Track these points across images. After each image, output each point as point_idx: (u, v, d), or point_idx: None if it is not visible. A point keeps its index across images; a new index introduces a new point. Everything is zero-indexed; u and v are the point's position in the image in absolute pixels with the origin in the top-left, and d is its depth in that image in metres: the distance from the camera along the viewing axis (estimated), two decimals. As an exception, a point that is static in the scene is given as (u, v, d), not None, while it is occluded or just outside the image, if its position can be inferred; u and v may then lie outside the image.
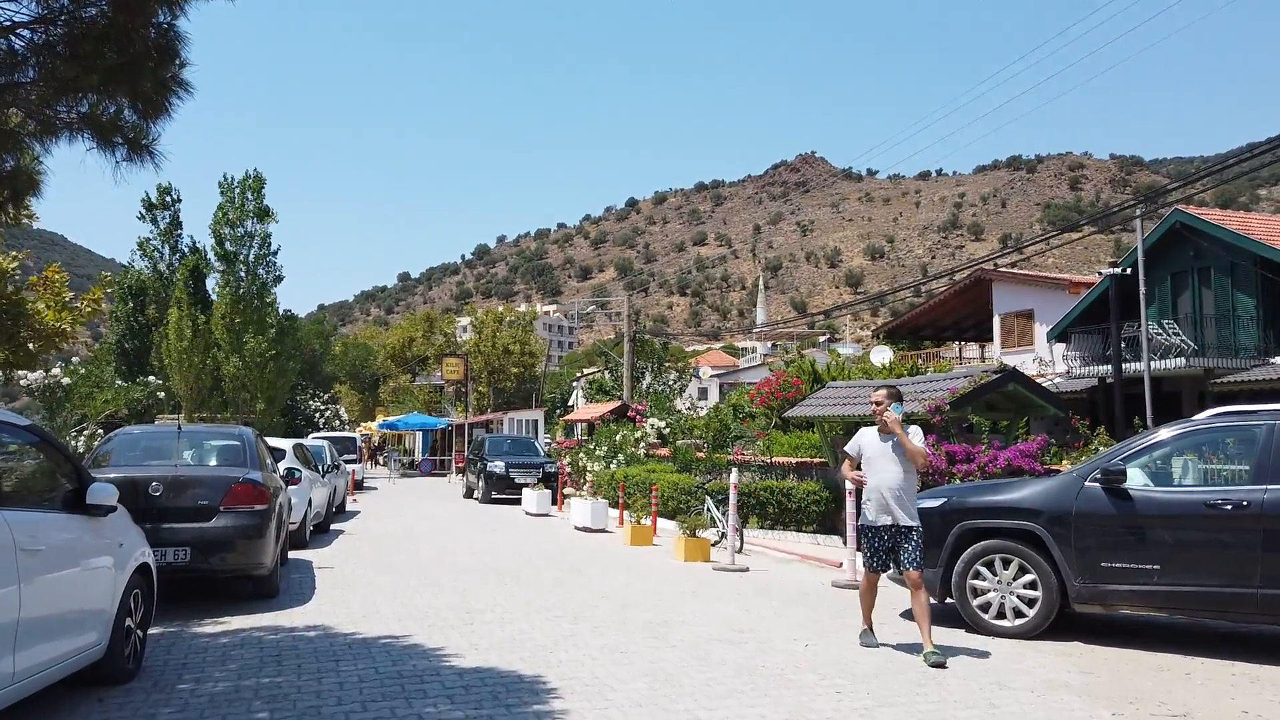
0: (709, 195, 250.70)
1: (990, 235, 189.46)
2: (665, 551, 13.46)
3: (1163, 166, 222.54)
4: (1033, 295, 29.54)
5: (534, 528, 17.30)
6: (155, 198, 38.14)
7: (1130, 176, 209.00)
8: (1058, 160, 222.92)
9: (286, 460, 13.47)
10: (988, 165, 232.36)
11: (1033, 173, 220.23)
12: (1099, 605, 7.09)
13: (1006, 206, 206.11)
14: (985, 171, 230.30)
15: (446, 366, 43.38)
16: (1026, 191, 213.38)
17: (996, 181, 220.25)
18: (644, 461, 23.04)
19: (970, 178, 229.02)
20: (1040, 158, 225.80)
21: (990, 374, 12.51)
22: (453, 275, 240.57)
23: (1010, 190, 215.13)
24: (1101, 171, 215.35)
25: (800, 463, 17.09)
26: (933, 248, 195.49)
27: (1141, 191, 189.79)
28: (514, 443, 27.11)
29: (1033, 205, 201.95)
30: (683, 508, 17.19)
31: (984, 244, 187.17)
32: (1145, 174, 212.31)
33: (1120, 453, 7.25)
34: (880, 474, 6.85)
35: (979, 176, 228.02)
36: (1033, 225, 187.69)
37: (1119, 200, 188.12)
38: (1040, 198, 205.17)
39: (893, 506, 6.77)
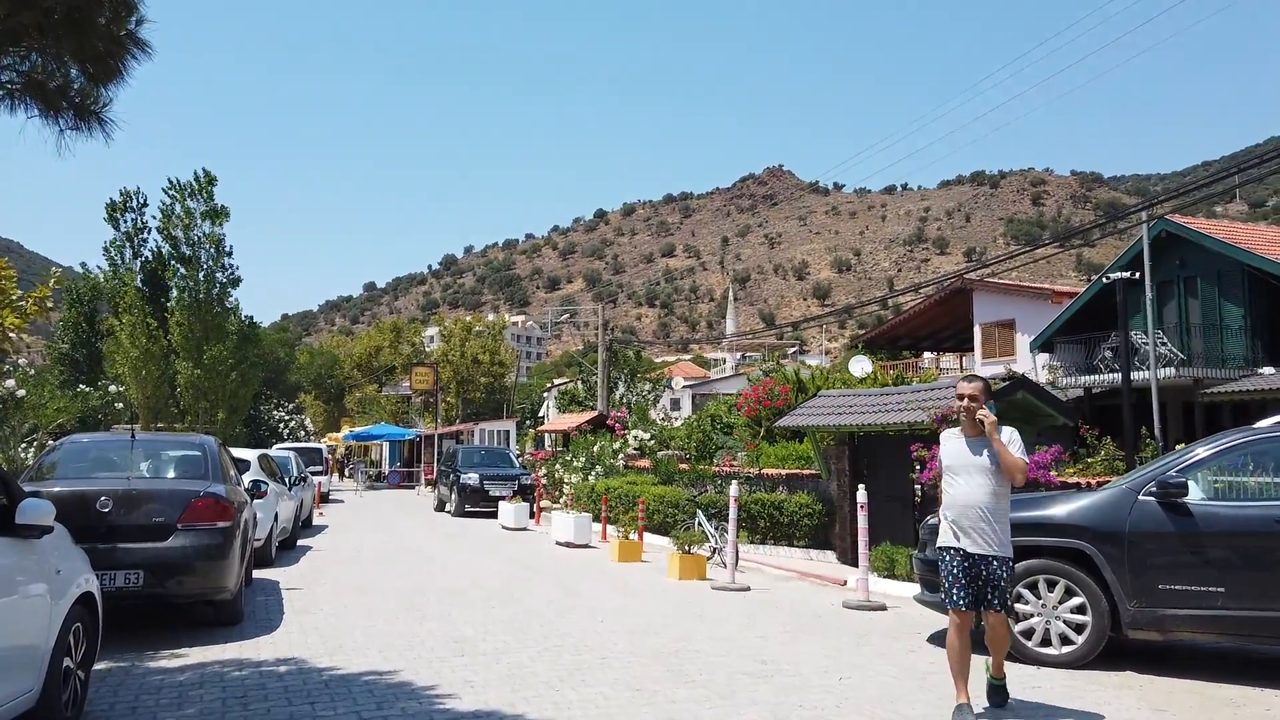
0: (677, 207, 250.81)
1: (955, 249, 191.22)
2: (657, 568, 12.72)
3: (1122, 183, 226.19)
4: (1014, 305, 29.25)
5: (513, 543, 16.47)
6: (119, 200, 36.74)
7: (1091, 193, 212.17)
8: (1020, 176, 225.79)
9: (251, 472, 12.57)
10: (952, 180, 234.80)
11: (996, 188, 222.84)
12: (1155, 631, 6.46)
13: (971, 221, 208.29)
14: (950, 186, 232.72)
15: (415, 376, 42.32)
16: (990, 206, 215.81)
17: (961, 196, 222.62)
18: (623, 473, 22.31)
19: (935, 192, 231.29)
20: (1003, 173, 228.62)
21: (999, 381, 11.94)
22: (419, 285, 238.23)
23: (974, 205, 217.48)
24: (1063, 187, 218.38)
25: (790, 474, 16.46)
26: (899, 261, 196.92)
27: (1102, 207, 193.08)
28: (488, 454, 26.23)
29: (996, 220, 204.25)
30: (669, 522, 16.49)
31: (949, 258, 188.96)
32: (1105, 190, 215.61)
33: (1176, 464, 6.65)
34: (967, 489, 5.51)
35: (944, 191, 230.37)
36: (996, 239, 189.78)
37: (1080, 216, 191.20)
38: (1003, 212, 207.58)
39: (983, 531, 5.39)
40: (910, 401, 12.95)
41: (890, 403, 13.68)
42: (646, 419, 24.15)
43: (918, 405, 12.49)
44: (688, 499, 15.47)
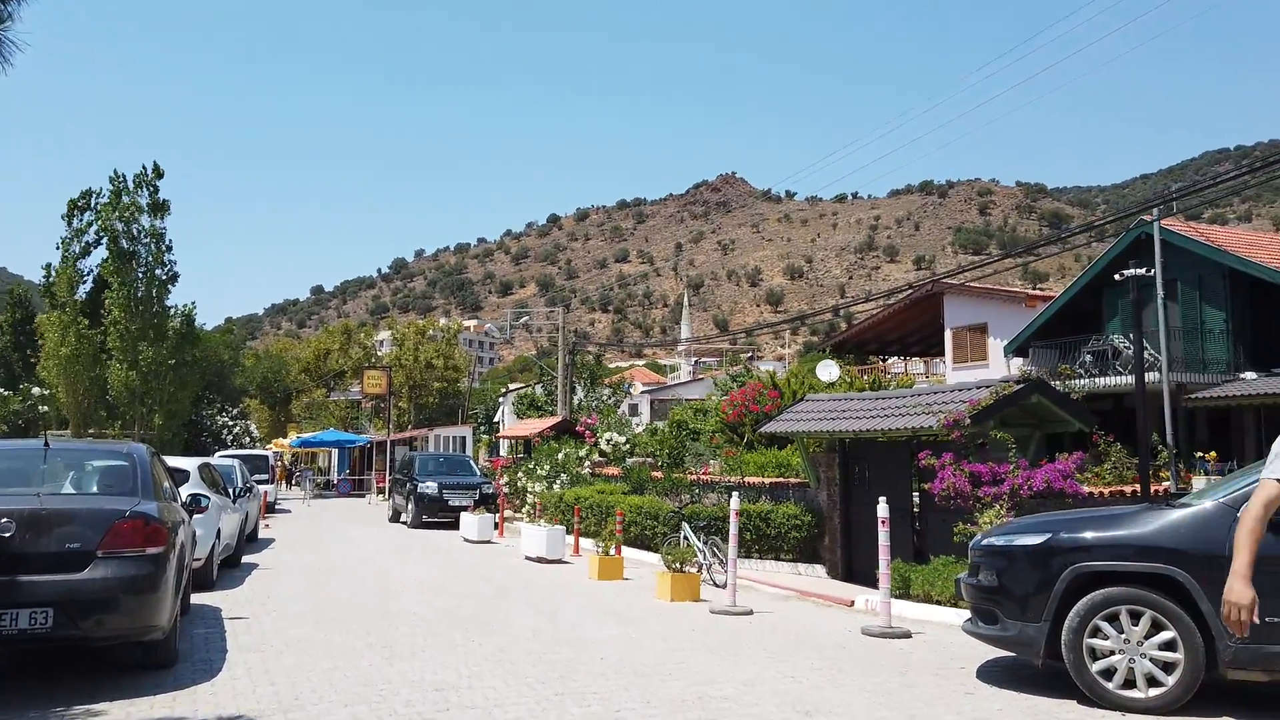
0: (631, 213, 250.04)
1: (905, 257, 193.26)
2: (642, 587, 11.65)
3: (1064, 194, 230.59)
4: (986, 309, 28.74)
5: (479, 558, 15.27)
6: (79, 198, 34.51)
7: (1035, 203, 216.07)
8: (967, 186, 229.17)
9: (190, 484, 11.24)
10: (902, 189, 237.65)
11: (944, 197, 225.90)
12: (1261, 671, 5.56)
13: (920, 229, 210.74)
14: (899, 195, 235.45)
15: (367, 380, 40.69)
16: (939, 215, 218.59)
17: (910, 205, 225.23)
18: (591, 481, 21.20)
19: (885, 201, 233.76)
20: (951, 183, 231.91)
21: (1013, 384, 11.11)
22: (369, 289, 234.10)
23: (923, 214, 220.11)
24: (1009, 198, 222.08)
25: (775, 483, 15.51)
26: (850, 268, 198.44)
27: (1046, 217, 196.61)
28: (447, 461, 24.92)
29: (944, 229, 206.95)
30: (648, 534, 15.43)
31: (899, 265, 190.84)
32: (1049, 201, 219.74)
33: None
34: None
35: (893, 200, 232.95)
36: (945, 248, 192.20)
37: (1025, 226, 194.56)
38: (952, 221, 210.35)
39: None
40: (914, 405, 12.05)
41: (889, 407, 12.78)
42: (620, 424, 23.04)
43: (924, 409, 11.59)
44: (672, 510, 14.42)
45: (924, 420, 11.35)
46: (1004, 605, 6.29)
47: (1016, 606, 6.21)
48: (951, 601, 9.59)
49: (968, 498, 10.38)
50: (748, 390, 18.46)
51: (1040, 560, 6.16)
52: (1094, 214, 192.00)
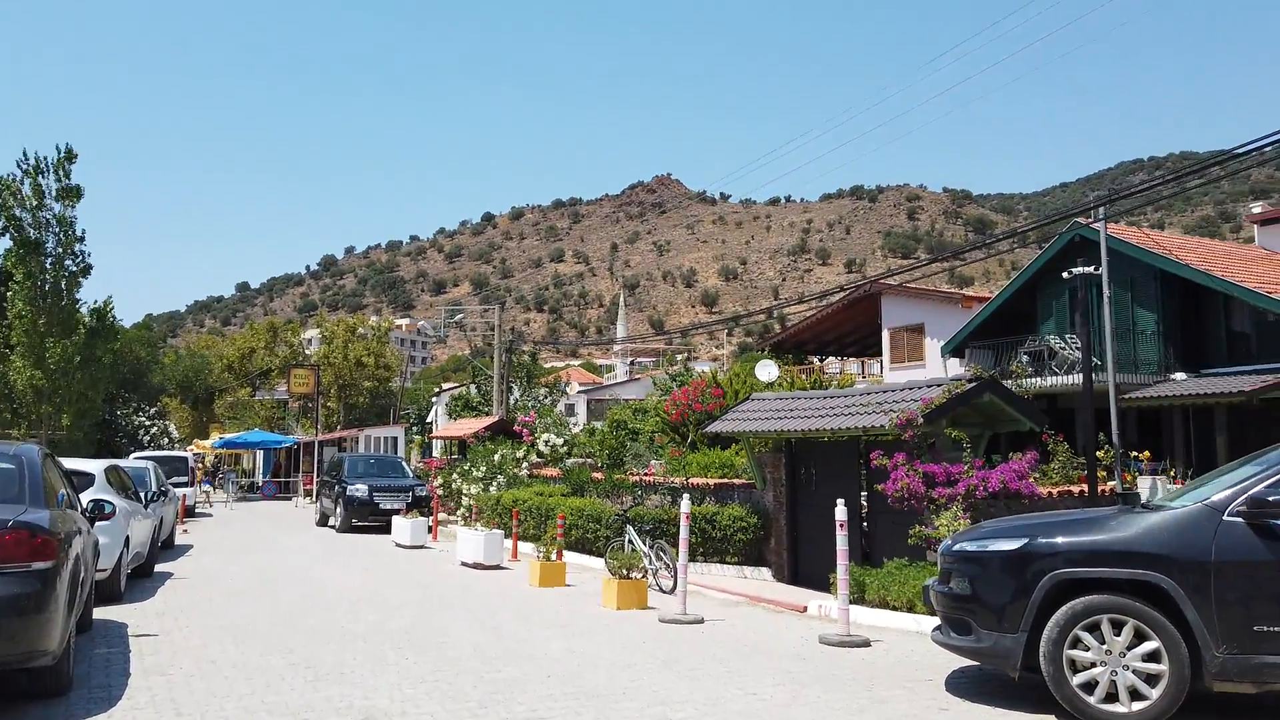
0: (567, 213, 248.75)
1: (836, 260, 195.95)
2: (586, 594, 11.13)
3: (988, 201, 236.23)
4: (924, 309, 28.88)
5: (413, 564, 14.57)
6: None
7: (961, 209, 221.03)
8: (897, 191, 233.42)
9: (95, 488, 10.37)
10: (833, 194, 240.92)
11: (874, 202, 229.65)
12: (1249, 683, 5.30)
13: (851, 233, 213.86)
14: (831, 199, 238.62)
15: (294, 379, 39.30)
16: (869, 220, 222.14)
17: (841, 209, 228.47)
18: (528, 483, 20.59)
19: (817, 205, 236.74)
20: (881, 188, 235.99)
21: (965, 382, 10.89)
22: (297, 286, 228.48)
23: (854, 218, 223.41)
24: (936, 203, 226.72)
25: (720, 484, 15.12)
26: (783, 270, 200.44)
27: (971, 223, 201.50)
28: (377, 462, 24.04)
29: (875, 233, 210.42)
30: (590, 538, 14.91)
31: (831, 268, 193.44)
32: (974, 207, 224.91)
33: (1264, 477, 5.51)
34: None
35: (825, 204, 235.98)
36: (875, 252, 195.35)
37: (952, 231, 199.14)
38: (881, 226, 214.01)
39: None
40: (864, 404, 11.78)
41: (837, 406, 12.49)
42: (560, 423, 22.45)
43: (876, 408, 11.31)
44: (615, 513, 13.91)
45: (876, 419, 11.07)
46: (978, 614, 5.95)
47: (992, 616, 5.86)
48: (908, 607, 9.29)
49: (922, 499, 10.11)
50: (691, 389, 18.05)
51: (1016, 567, 5.82)
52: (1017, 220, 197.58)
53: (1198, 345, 22.13)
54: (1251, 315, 20.93)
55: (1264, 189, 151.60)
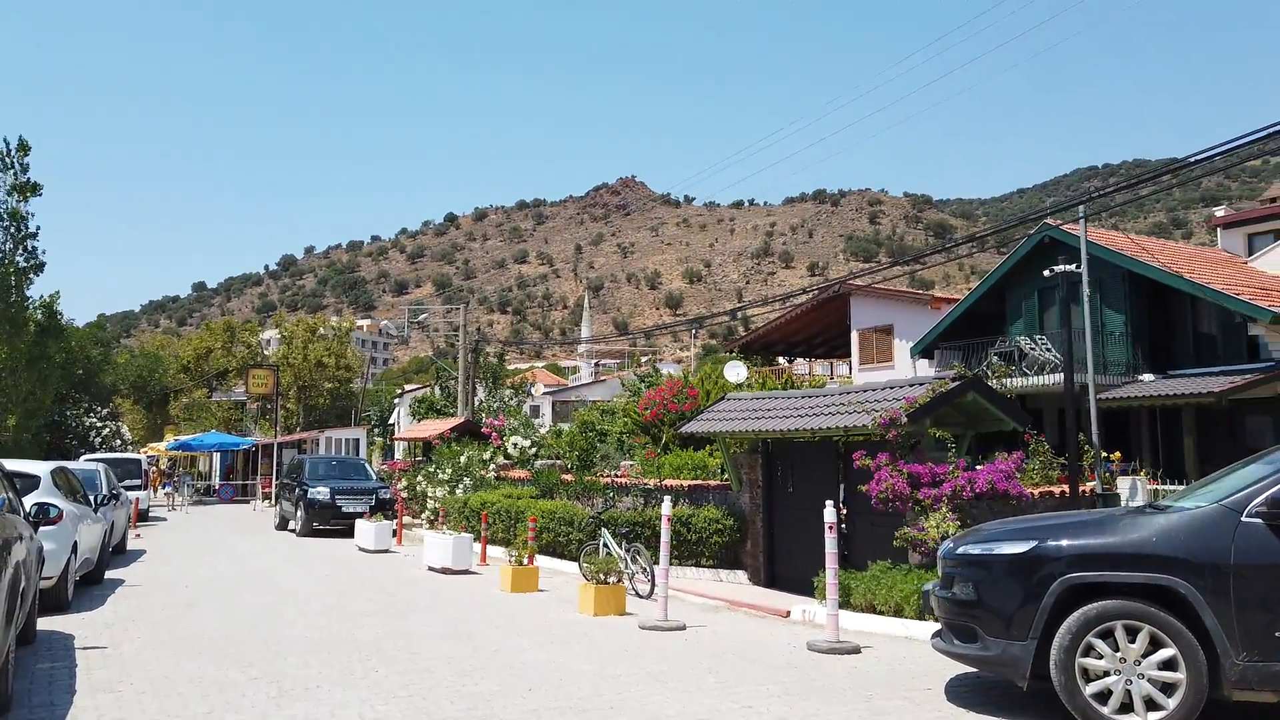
0: (531, 214, 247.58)
1: (799, 263, 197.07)
2: (561, 600, 10.75)
3: (948, 206, 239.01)
4: (892, 310, 28.84)
5: (378, 569, 14.06)
6: None
7: (922, 214, 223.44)
8: (858, 195, 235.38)
9: (40, 491, 9.79)
10: (796, 197, 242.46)
11: (836, 206, 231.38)
12: (1270, 691, 5.07)
13: (814, 237, 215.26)
14: (794, 203, 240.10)
15: (253, 379, 38.35)
16: (831, 223, 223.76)
17: (804, 213, 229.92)
18: (496, 485, 20.13)
19: (780, 208, 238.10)
20: (843, 192, 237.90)
21: (949, 381, 10.67)
22: (255, 286, 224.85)
23: (817, 221, 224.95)
24: (897, 208, 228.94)
25: (694, 485, 14.81)
26: (747, 273, 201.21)
27: (932, 227, 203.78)
28: (340, 464, 23.40)
29: (837, 237, 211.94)
30: (563, 541, 14.52)
31: (794, 271, 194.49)
32: (934, 212, 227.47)
33: None
34: None
35: (788, 208, 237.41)
36: (837, 255, 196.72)
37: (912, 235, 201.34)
38: (844, 230, 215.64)
39: None
40: (845, 404, 11.52)
41: (817, 405, 12.23)
42: (528, 425, 22.00)
43: (858, 407, 11.05)
44: (589, 516, 13.52)
45: (858, 419, 10.82)
46: (985, 621, 5.67)
47: (999, 622, 5.59)
48: (895, 611, 9.03)
49: (907, 500, 9.86)
50: (666, 389, 17.71)
51: (1025, 571, 5.55)
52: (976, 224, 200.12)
53: (1165, 347, 22.25)
54: (1218, 317, 21.07)
55: (1213, 195, 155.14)
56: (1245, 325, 19.98)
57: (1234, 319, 20.53)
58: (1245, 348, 20.51)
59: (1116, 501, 12.98)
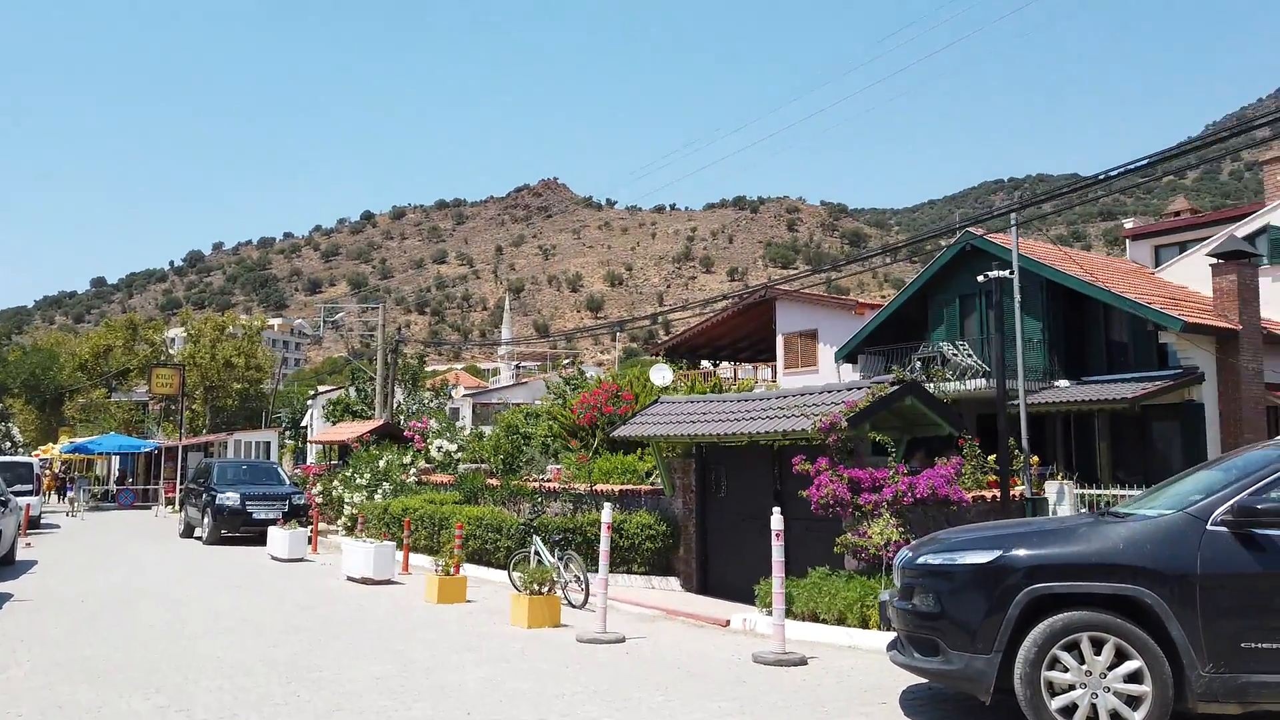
0: (450, 213, 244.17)
1: (719, 268, 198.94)
2: (491, 611, 10.30)
3: (862, 215, 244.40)
4: (817, 315, 29.03)
5: (293, 580, 13.35)
6: None
7: (838, 222, 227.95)
8: (776, 203, 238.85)
9: (-83, 500, 8.91)
10: (717, 203, 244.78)
11: (755, 213, 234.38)
12: (1235, 703, 4.99)
13: (734, 242, 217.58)
14: (715, 209, 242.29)
15: (156, 379, 36.59)
16: (751, 230, 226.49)
17: (724, 219, 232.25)
18: (417, 490, 19.47)
19: (701, 214, 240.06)
20: (762, 199, 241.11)
21: (888, 385, 10.59)
22: (159, 282, 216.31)
23: (737, 228, 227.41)
24: (814, 216, 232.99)
25: (625, 490, 14.50)
26: (668, 277, 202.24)
27: (847, 236, 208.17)
28: (250, 469, 22.36)
29: (756, 243, 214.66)
30: (490, 549, 14.03)
31: (714, 276, 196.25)
32: (850, 220, 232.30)
33: (1250, 482, 5.22)
34: None
35: (709, 213, 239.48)
36: (756, 261, 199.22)
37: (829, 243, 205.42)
38: (763, 236, 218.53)
39: None
40: (783, 408, 11.36)
41: (754, 409, 12.06)
42: (453, 428, 21.36)
43: (797, 411, 10.89)
44: (520, 523, 13.07)
45: (797, 423, 10.66)
46: (947, 634, 5.48)
47: (963, 635, 5.40)
48: (839, 620, 8.86)
49: (847, 505, 9.72)
50: (601, 392, 17.32)
51: (989, 581, 5.38)
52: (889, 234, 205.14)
53: (1079, 354, 22.83)
54: (1130, 325, 21.70)
55: (1109, 210, 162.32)
56: (1156, 333, 20.60)
57: (1145, 327, 21.17)
58: (1155, 355, 21.16)
59: (1045, 506, 13.14)
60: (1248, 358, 19.48)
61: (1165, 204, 41.52)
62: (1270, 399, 20.02)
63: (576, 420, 17.22)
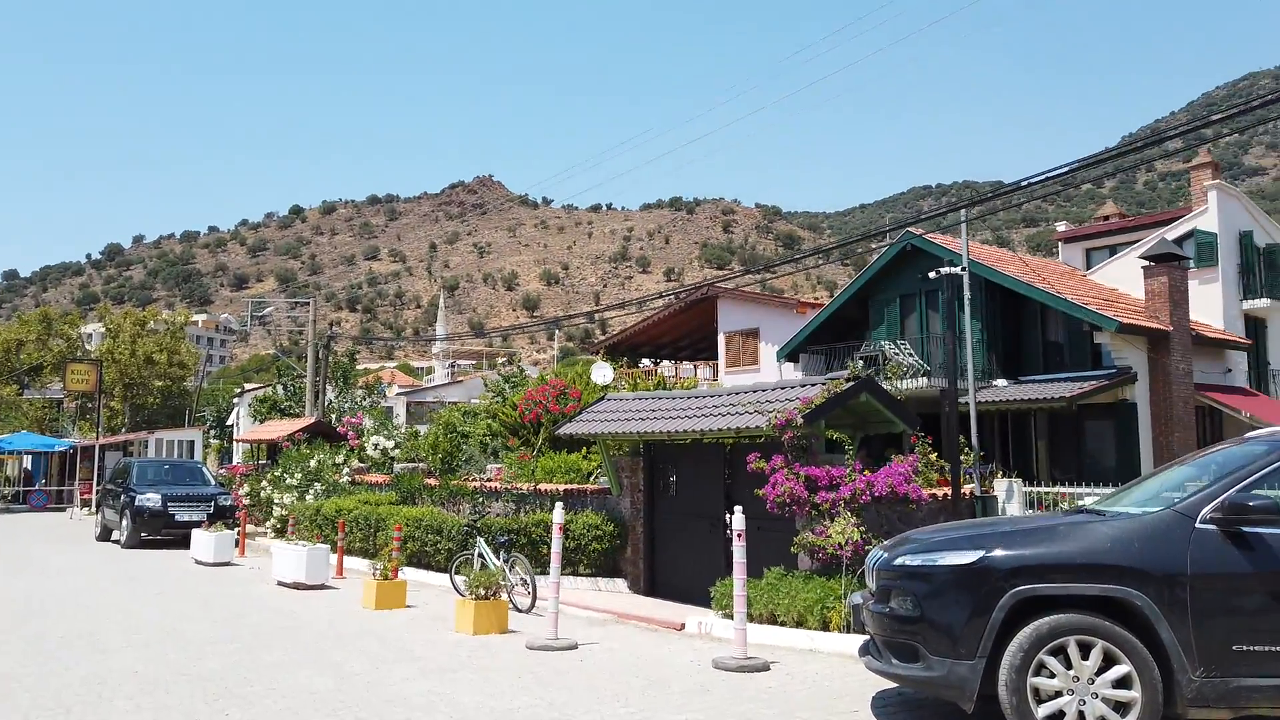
0: (383, 209, 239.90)
1: (656, 268, 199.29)
2: (433, 617, 9.79)
3: (796, 218, 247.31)
4: (759, 314, 28.96)
5: (220, 585, 12.62)
6: None
7: (772, 224, 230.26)
8: (712, 205, 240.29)
9: None
10: (653, 204, 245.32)
11: (692, 214, 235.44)
12: (1227, 708, 4.82)
13: (670, 243, 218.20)
14: (651, 209, 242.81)
15: (71, 374, 34.90)
16: (687, 230, 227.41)
17: (661, 219, 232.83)
18: (351, 491, 18.75)
19: (638, 214, 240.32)
20: (698, 201, 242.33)
21: (844, 381, 10.38)
22: (75, 276, 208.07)
23: (673, 228, 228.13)
24: (749, 218, 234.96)
25: (570, 490, 14.09)
26: (604, 277, 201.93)
27: (781, 238, 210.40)
28: (173, 468, 21.34)
29: (692, 244, 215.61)
30: (429, 551, 13.48)
31: (651, 276, 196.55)
32: (784, 223, 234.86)
33: (1237, 478, 5.06)
34: None
35: (645, 213, 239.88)
36: (693, 262, 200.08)
37: (764, 245, 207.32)
38: (699, 237, 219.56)
39: None
40: (736, 404, 11.08)
41: (705, 406, 11.76)
42: (389, 425, 20.63)
43: (751, 408, 10.62)
44: (464, 524, 12.56)
45: (751, 420, 10.38)
46: (928, 639, 5.22)
47: (945, 640, 5.14)
48: (798, 622, 8.59)
49: (804, 504, 9.47)
50: (547, 389, 16.82)
51: (972, 583, 5.14)
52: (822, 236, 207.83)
53: (1015, 353, 23.11)
54: (1066, 325, 22.02)
55: (1032, 217, 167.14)
56: (1091, 334, 20.93)
57: (1081, 327, 21.50)
58: (1090, 355, 21.51)
59: (995, 505, 13.11)
60: (1178, 358, 19.89)
61: (1085, 211, 42.81)
62: (1200, 399, 20.49)
63: (521, 418, 16.74)
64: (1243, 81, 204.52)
